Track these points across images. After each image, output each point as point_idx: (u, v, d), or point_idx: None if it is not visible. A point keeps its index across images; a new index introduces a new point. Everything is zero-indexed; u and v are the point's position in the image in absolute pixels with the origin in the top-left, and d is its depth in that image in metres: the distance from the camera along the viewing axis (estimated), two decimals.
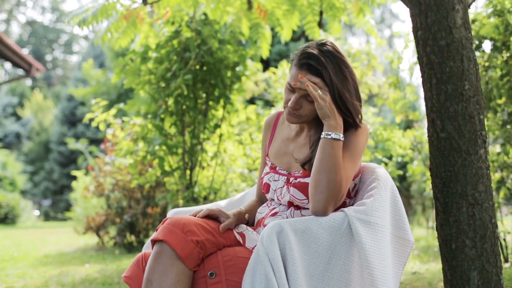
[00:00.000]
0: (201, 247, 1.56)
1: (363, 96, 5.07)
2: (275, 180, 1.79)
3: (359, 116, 1.70)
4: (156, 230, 1.60)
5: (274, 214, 1.75)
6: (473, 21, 3.26)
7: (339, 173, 1.58)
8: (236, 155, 4.07)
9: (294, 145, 1.82)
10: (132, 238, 5.87)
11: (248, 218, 1.86)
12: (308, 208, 1.70)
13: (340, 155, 1.60)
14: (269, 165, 1.85)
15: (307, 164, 1.71)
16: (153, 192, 5.65)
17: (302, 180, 1.71)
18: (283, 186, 1.76)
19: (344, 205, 1.75)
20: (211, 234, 1.62)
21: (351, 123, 1.69)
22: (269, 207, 1.82)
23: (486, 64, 3.26)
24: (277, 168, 1.81)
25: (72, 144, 13.73)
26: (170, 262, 1.51)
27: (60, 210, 18.11)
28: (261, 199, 1.98)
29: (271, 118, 1.95)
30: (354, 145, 1.68)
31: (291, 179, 1.75)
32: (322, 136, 1.62)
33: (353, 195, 1.79)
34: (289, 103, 1.67)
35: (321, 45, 1.67)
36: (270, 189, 1.79)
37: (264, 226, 1.76)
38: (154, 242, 1.57)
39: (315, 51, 1.65)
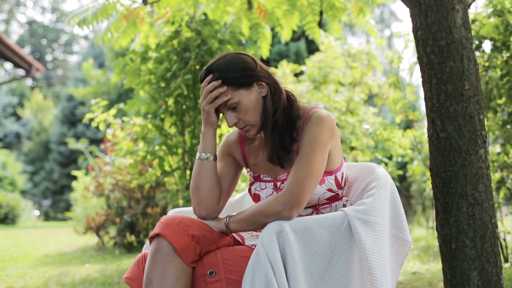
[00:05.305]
0: (197, 241, 1.56)
1: (363, 96, 5.07)
2: (262, 189, 1.76)
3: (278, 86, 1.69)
4: None
5: None
6: (473, 21, 3.26)
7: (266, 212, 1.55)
8: None
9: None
10: (132, 238, 5.87)
11: None
12: (304, 208, 1.69)
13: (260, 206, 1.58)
14: (252, 175, 1.82)
15: (274, 158, 1.68)
16: (153, 192, 5.65)
17: None
18: (272, 192, 1.74)
19: (337, 196, 1.73)
20: (207, 231, 1.62)
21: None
22: None
23: (486, 64, 3.26)
24: (261, 176, 1.78)
25: (72, 144, 13.72)
26: (168, 259, 1.52)
27: (60, 210, 18.10)
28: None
29: (233, 135, 1.87)
30: (313, 138, 1.61)
31: (279, 183, 1.73)
32: None
33: (343, 185, 1.75)
34: (230, 124, 1.67)
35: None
36: (261, 198, 1.76)
37: None
38: (151, 240, 1.57)
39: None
